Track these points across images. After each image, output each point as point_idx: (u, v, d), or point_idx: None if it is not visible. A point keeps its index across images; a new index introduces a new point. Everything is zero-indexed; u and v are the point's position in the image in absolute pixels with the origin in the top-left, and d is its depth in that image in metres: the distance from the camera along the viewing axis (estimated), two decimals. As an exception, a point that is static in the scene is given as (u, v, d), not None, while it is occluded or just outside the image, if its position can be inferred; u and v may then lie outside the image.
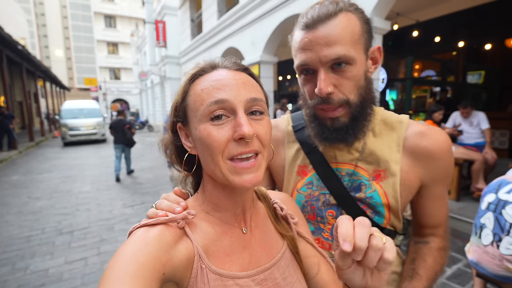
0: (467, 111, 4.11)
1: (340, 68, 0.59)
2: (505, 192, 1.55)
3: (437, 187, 0.69)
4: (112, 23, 34.55)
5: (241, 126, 0.42)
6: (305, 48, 0.59)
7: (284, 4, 5.82)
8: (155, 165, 7.64)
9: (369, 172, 0.69)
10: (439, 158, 0.66)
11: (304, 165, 0.75)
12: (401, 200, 0.67)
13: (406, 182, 0.67)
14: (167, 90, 14.59)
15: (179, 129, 0.51)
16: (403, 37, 6.39)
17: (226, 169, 0.44)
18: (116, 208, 4.26)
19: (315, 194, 0.72)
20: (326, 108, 0.63)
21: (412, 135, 0.67)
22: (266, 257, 0.53)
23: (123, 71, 35.81)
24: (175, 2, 13.30)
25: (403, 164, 0.67)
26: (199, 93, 0.46)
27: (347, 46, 0.58)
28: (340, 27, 0.57)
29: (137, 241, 0.41)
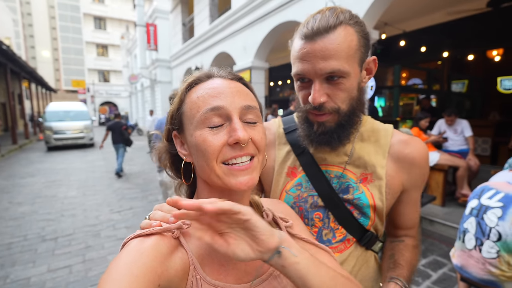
0: (452, 119, 4.24)
1: (334, 81, 0.63)
2: (487, 198, 1.61)
3: (414, 192, 0.75)
4: (102, 25, 34.09)
5: (236, 131, 0.43)
6: (302, 59, 0.62)
7: (276, 10, 5.90)
8: (144, 169, 7.52)
9: (357, 175, 0.72)
10: (420, 165, 0.72)
11: (294, 167, 0.77)
12: (386, 203, 0.71)
13: (391, 186, 0.71)
14: (157, 93, 14.45)
15: (175, 137, 0.52)
16: (390, 46, 6.57)
17: (221, 172, 0.45)
18: (103, 214, 4.16)
19: (303, 196, 0.74)
20: (317, 113, 0.67)
21: (396, 143, 0.73)
22: (262, 267, 0.52)
23: (113, 73, 35.27)
24: (166, 6, 13.27)
25: (389, 169, 0.71)
26: (195, 100, 0.47)
27: (342, 61, 0.60)
28: (337, 41, 0.60)
29: (132, 252, 0.40)
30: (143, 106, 19.61)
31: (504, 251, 1.46)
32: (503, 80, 7.65)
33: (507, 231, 1.44)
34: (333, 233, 0.72)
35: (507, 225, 1.44)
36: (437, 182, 3.91)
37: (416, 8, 5.48)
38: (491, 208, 1.55)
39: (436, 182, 3.93)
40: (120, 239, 3.35)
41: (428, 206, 3.77)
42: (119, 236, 3.41)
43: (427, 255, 2.84)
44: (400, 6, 4.86)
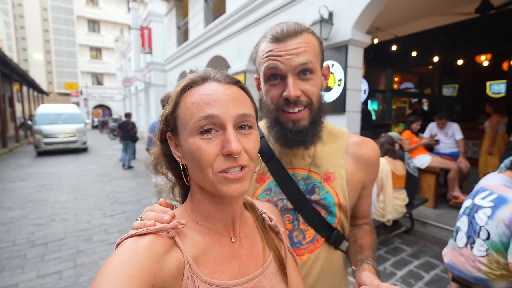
0: (443, 122, 4.32)
1: (305, 76, 0.68)
2: (480, 198, 1.64)
3: (370, 186, 0.84)
4: (95, 28, 33.88)
5: (230, 142, 0.43)
6: (275, 56, 0.66)
7: (270, 15, 5.95)
8: (137, 173, 7.45)
9: (321, 175, 0.77)
10: (374, 163, 0.81)
11: (262, 173, 0.79)
12: (349, 199, 0.77)
13: (353, 183, 0.78)
14: (151, 96, 14.37)
15: (169, 138, 0.52)
16: (383, 51, 6.67)
17: (215, 180, 0.45)
18: (94, 218, 4.10)
19: (273, 200, 0.76)
20: (292, 111, 0.70)
21: (352, 144, 0.81)
22: (254, 266, 0.54)
23: (106, 76, 35.00)
24: (161, 9, 13.28)
25: (348, 167, 0.78)
26: (189, 106, 0.46)
27: (311, 57, 0.67)
28: (306, 41, 0.67)
29: (126, 251, 0.40)
30: (137, 109, 19.47)
31: (492, 249, 1.48)
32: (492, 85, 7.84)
33: (494, 230, 1.47)
34: (303, 234, 0.76)
35: (494, 224, 1.47)
36: (429, 184, 3.96)
37: (407, 14, 5.59)
38: (483, 207, 1.58)
39: (428, 184, 3.98)
40: (112, 243, 3.30)
41: (420, 208, 3.81)
42: (111, 241, 3.36)
43: (420, 257, 2.86)
44: (392, 12, 4.95)
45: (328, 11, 4.38)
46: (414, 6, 5.22)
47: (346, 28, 4.20)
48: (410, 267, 2.69)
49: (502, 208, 1.47)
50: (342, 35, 4.14)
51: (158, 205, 0.53)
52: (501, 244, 1.45)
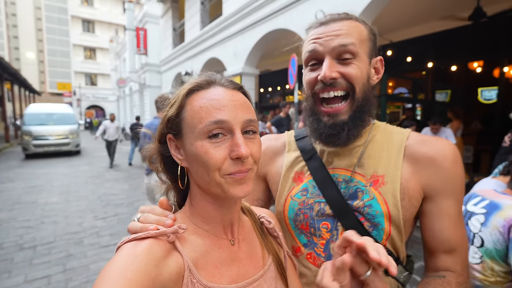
0: (437, 127, 4.37)
1: (345, 61, 0.62)
2: (473, 204, 1.64)
3: (444, 201, 0.62)
4: (90, 28, 33.60)
5: (239, 146, 0.44)
6: (316, 38, 0.63)
7: (267, 18, 5.97)
8: (130, 175, 7.36)
9: (367, 178, 0.65)
10: (441, 165, 0.61)
11: (301, 172, 0.74)
12: (402, 211, 0.61)
13: (407, 191, 0.62)
14: (146, 98, 14.27)
15: (169, 140, 0.51)
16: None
17: (222, 182, 0.46)
18: (86, 221, 4.01)
19: (309, 202, 0.69)
20: (328, 99, 0.64)
21: (413, 143, 0.66)
22: (254, 269, 0.54)
23: (100, 77, 34.68)
24: (157, 11, 13.24)
25: (404, 171, 0.63)
26: (197, 110, 0.46)
27: (354, 39, 0.61)
28: (350, 26, 0.63)
29: (125, 256, 0.40)
30: (131, 111, 19.30)
31: (486, 256, 1.48)
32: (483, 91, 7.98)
33: (488, 237, 1.47)
34: None
35: (488, 231, 1.47)
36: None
37: (403, 20, 5.67)
38: (476, 214, 1.58)
39: (422, 188, 4.01)
40: (104, 246, 3.23)
41: (415, 213, 3.83)
42: (102, 244, 3.29)
43: (416, 262, 2.87)
44: (388, 17, 5.02)
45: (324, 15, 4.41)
46: (409, 12, 5.30)
47: (342, 33, 4.23)
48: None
49: (495, 215, 1.47)
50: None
51: (158, 207, 0.51)
52: (495, 251, 1.45)
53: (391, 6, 4.19)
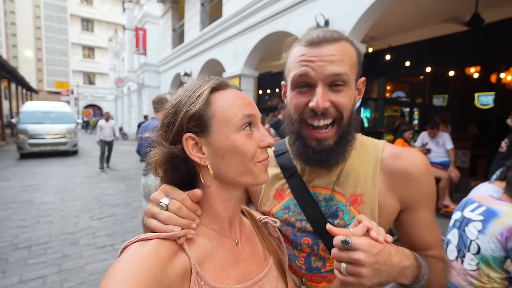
0: (434, 132, 4.39)
1: (337, 88, 0.61)
2: (469, 210, 1.64)
3: (419, 211, 0.65)
4: (89, 27, 33.51)
5: (268, 136, 0.52)
6: (307, 61, 0.60)
7: (266, 20, 5.99)
8: (128, 175, 7.32)
9: (346, 197, 0.67)
10: (416, 178, 0.64)
11: (282, 189, 0.74)
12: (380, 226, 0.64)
13: (384, 208, 0.64)
14: (144, 97, 14.23)
15: (186, 140, 0.49)
16: (376, 60, 6.79)
17: (255, 170, 0.51)
18: (82, 221, 3.98)
19: (291, 220, 0.70)
20: (317, 124, 0.63)
21: (387, 157, 0.67)
22: (257, 269, 0.55)
23: (99, 76, 34.56)
24: (157, 11, 13.24)
25: (380, 187, 0.65)
26: (229, 105, 0.50)
27: (347, 67, 0.60)
28: (343, 50, 0.61)
29: (132, 256, 0.40)
30: (129, 110, 19.25)
31: (483, 263, 1.48)
32: (480, 96, 8.05)
33: (486, 245, 1.47)
34: (323, 261, 0.67)
35: (486, 238, 1.47)
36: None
37: (401, 24, 5.71)
38: (473, 221, 1.58)
39: (419, 192, 4.02)
40: (100, 247, 3.21)
41: (412, 216, 3.84)
42: (99, 245, 3.27)
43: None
44: (386, 22, 5.05)
45: (324, 19, 4.43)
46: (408, 17, 5.34)
47: (341, 36, 4.26)
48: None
49: (493, 222, 1.47)
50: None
51: (189, 200, 0.49)
52: (492, 259, 1.45)
53: (390, 10, 4.22)
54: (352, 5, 4.14)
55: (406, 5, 4.62)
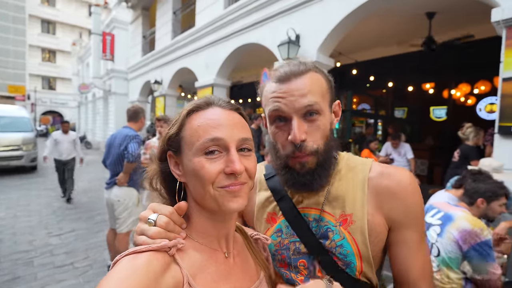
0: (396, 143, 4.70)
1: (311, 117, 0.64)
2: (430, 216, 1.77)
3: (406, 232, 0.65)
4: (50, 29, 31.49)
5: (234, 163, 0.48)
6: (280, 97, 0.64)
7: (239, 32, 6.09)
8: (91, 186, 6.86)
9: (336, 217, 0.67)
10: (401, 197, 0.65)
11: (273, 212, 0.75)
12: (371, 247, 0.64)
13: (373, 227, 0.65)
14: (111, 105, 13.57)
15: (169, 157, 0.54)
16: (344, 74, 7.17)
17: (216, 195, 0.48)
18: (38, 238, 3.63)
19: (284, 242, 0.71)
20: (298, 156, 0.65)
21: (375, 176, 0.68)
22: (248, 282, 0.56)
23: (60, 81, 32.38)
24: (126, 17, 12.83)
25: (369, 206, 0.66)
26: (195, 128, 0.50)
27: (318, 97, 0.64)
28: (311, 81, 0.64)
29: (123, 269, 0.40)
30: (94, 118, 18.19)
31: (443, 265, 1.60)
32: (435, 110, 8.80)
33: (444, 247, 1.59)
34: None
35: (444, 241, 1.59)
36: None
37: (366, 42, 6.13)
38: (433, 225, 1.70)
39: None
40: (58, 267, 2.94)
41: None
42: (56, 264, 2.99)
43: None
44: (353, 38, 5.39)
45: (295, 34, 4.61)
46: (372, 36, 5.75)
47: (312, 51, 4.45)
48: None
49: (449, 226, 1.60)
50: (308, 57, 4.38)
51: (176, 213, 0.51)
52: (449, 260, 1.57)
53: (355, 28, 4.52)
54: (321, 22, 4.37)
55: (369, 25, 4.98)
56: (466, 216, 1.58)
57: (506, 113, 2.67)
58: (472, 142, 3.40)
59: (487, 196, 1.70)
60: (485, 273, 1.47)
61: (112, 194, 2.80)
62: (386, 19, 4.95)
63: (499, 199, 1.71)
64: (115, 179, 2.78)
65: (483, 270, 1.48)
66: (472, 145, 3.39)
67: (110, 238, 2.91)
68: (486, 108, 6.67)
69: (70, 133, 5.65)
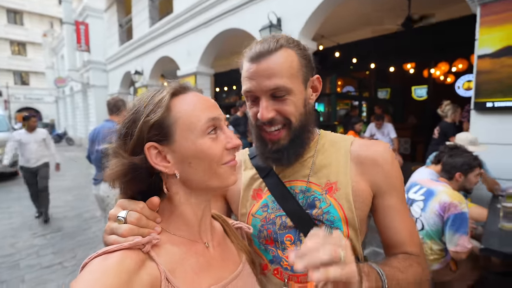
0: (380, 123, 4.80)
1: (280, 98, 0.65)
2: (413, 192, 1.84)
3: (389, 198, 0.69)
4: (17, 20, 29.54)
5: (232, 138, 0.53)
6: (250, 78, 0.66)
7: (219, 17, 5.91)
8: (75, 184, 6.68)
9: (321, 186, 0.70)
10: (381, 165, 0.69)
11: (259, 189, 0.76)
12: (357, 212, 0.67)
13: (358, 193, 0.68)
14: (90, 98, 13.06)
15: (149, 149, 0.47)
16: (327, 57, 7.15)
17: (222, 172, 0.51)
18: (21, 240, 3.53)
19: (270, 217, 0.72)
20: (269, 130, 0.68)
21: (356, 148, 0.72)
22: (230, 269, 0.56)
23: (33, 75, 30.74)
24: (99, 4, 12.16)
25: (353, 174, 0.69)
26: (191, 110, 0.49)
27: (285, 78, 0.64)
28: (279, 62, 0.64)
29: (93, 271, 0.38)
30: (73, 113, 17.52)
31: (427, 238, 1.68)
32: (416, 89, 8.98)
33: (427, 221, 1.67)
34: None
35: (427, 215, 1.67)
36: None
37: (347, 24, 6.10)
38: (416, 201, 1.77)
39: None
40: (45, 267, 2.88)
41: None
42: (44, 265, 2.93)
43: (367, 247, 3.12)
44: (334, 21, 5.34)
45: (276, 17, 4.52)
46: (352, 17, 5.72)
47: (294, 34, 4.38)
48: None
49: (431, 200, 1.67)
50: (291, 40, 4.32)
51: (147, 208, 0.48)
52: (432, 233, 1.65)
53: (336, 10, 4.47)
54: (302, 5, 4.29)
55: (350, 7, 4.93)
56: (446, 190, 1.65)
57: (481, 89, 2.75)
58: (450, 119, 3.50)
59: (464, 169, 1.78)
60: (455, 244, 1.55)
61: (100, 190, 2.75)
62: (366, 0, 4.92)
63: (474, 170, 1.80)
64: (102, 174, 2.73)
65: (454, 241, 1.55)
66: (451, 122, 3.50)
67: None
68: (464, 85, 6.88)
69: (38, 131, 4.28)
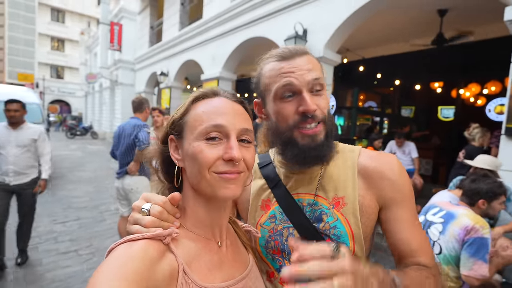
0: (401, 141, 4.66)
1: (317, 92, 0.68)
2: (431, 214, 1.77)
3: (398, 209, 0.68)
4: (60, 18, 31.63)
5: (232, 149, 0.49)
6: (289, 72, 0.66)
7: (246, 25, 6.04)
8: (96, 176, 6.96)
9: (329, 200, 0.70)
10: (389, 176, 0.68)
11: (268, 199, 0.76)
12: (362, 228, 0.67)
13: (364, 208, 0.68)
14: (117, 95, 13.65)
15: (170, 141, 0.56)
16: (351, 70, 7.08)
17: (212, 179, 0.49)
18: (42, 225, 3.72)
19: (278, 228, 0.72)
20: (309, 127, 0.66)
21: (364, 160, 0.72)
22: (240, 269, 0.58)
23: (68, 70, 32.63)
24: (134, 7, 12.81)
25: (359, 188, 0.69)
26: (200, 114, 0.52)
27: (320, 73, 0.68)
28: (313, 61, 0.69)
29: (120, 256, 0.41)
30: (100, 108, 18.36)
31: (444, 263, 1.60)
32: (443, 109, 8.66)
33: (445, 245, 1.60)
34: None
35: (446, 239, 1.60)
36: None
37: (374, 39, 6.03)
38: (434, 223, 1.70)
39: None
40: (62, 253, 3.01)
41: (379, 221, 4.03)
42: (61, 250, 3.07)
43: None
44: (361, 35, 5.30)
45: (302, 28, 4.56)
46: (380, 33, 5.64)
47: (319, 46, 4.39)
48: None
49: (451, 224, 1.61)
50: (315, 52, 4.32)
51: (169, 203, 0.52)
52: (450, 258, 1.58)
53: (363, 25, 4.44)
54: (329, 17, 4.30)
55: (378, 21, 4.89)
56: (468, 213, 1.59)
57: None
58: (478, 143, 3.34)
59: (488, 197, 1.70)
60: (469, 268, 1.47)
61: (124, 183, 2.87)
62: (395, 15, 4.85)
63: (499, 198, 1.71)
64: (126, 169, 2.84)
65: (468, 265, 1.48)
66: (478, 146, 3.34)
67: (122, 227, 2.98)
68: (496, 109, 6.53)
69: (25, 127, 2.77)
